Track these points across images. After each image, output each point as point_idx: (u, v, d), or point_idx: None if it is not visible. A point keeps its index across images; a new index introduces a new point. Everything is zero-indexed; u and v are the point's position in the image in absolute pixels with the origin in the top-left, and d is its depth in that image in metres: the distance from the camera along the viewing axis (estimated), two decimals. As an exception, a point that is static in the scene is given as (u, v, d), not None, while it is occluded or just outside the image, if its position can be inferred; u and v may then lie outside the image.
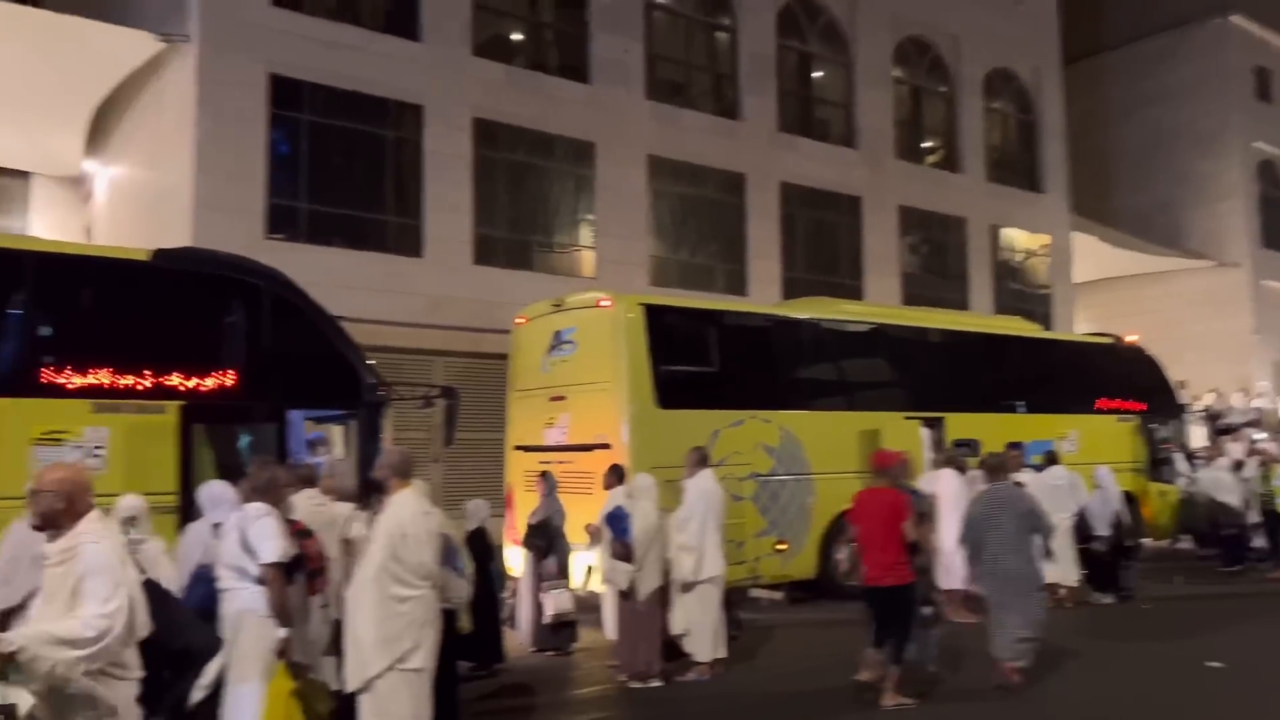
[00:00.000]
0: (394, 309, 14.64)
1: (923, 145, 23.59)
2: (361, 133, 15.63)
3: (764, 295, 18.97)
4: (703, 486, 8.53)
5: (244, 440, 8.60)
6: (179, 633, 4.20)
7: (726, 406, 11.29)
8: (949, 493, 10.28)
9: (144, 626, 3.92)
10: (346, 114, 15.41)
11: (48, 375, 7.52)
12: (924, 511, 8.17)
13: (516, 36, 18.03)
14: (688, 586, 8.39)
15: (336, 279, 12.77)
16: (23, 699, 3.61)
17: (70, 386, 7.55)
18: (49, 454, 7.34)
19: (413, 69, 15.84)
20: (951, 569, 9.89)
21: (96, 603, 3.70)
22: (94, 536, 3.88)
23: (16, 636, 3.63)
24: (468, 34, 16.58)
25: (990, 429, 13.11)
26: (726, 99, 20.11)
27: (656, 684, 8.08)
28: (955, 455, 11.44)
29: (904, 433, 12.29)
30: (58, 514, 3.89)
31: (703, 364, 11.53)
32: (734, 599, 9.62)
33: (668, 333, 11.17)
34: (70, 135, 18.29)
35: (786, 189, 20.23)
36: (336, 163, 15.53)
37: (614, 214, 17.92)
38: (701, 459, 8.71)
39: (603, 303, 11.12)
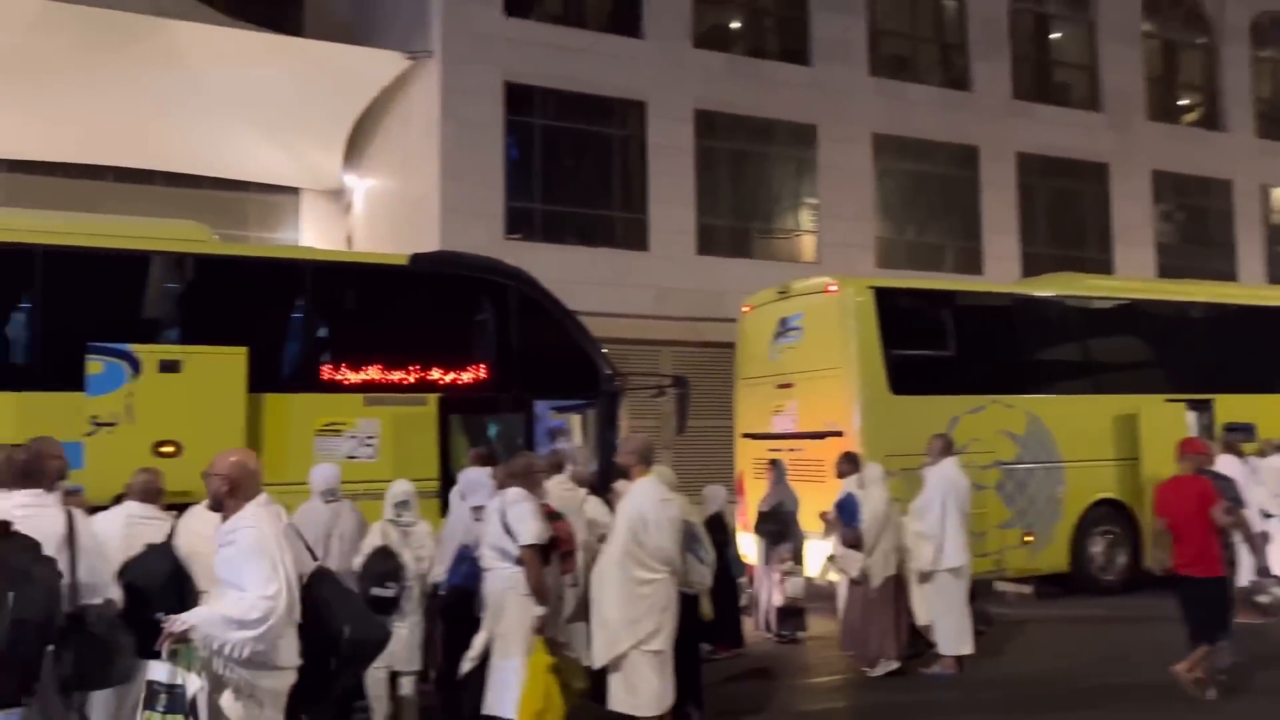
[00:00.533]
0: (622, 302, 15.08)
1: (1178, 103, 21.62)
2: (589, 132, 16.22)
3: (1001, 273, 18.05)
4: (945, 474, 8.27)
5: (494, 429, 9.17)
6: (351, 623, 3.99)
7: (965, 391, 10.86)
8: (1228, 481, 9.40)
9: (297, 613, 3.84)
10: (575, 115, 16.02)
11: (326, 372, 8.31)
12: (1234, 498, 7.66)
13: (735, 25, 18.08)
14: (927, 576, 8.17)
15: (568, 275, 13.31)
16: (191, 682, 3.67)
17: (345, 382, 8.32)
18: (328, 443, 8.14)
19: (636, 66, 16.23)
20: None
21: (258, 585, 3.68)
22: (251, 520, 3.86)
23: (189, 616, 3.74)
24: (688, 27, 16.80)
25: (1268, 411, 11.88)
26: (955, 69, 19.27)
27: (882, 672, 7.95)
28: (1232, 440, 10.45)
29: (1166, 417, 11.35)
30: (224, 497, 3.93)
31: (938, 347, 11.14)
32: (980, 592, 9.27)
33: (899, 316, 10.87)
34: (330, 152, 20.07)
35: (1024, 159, 19.14)
36: (566, 163, 16.21)
37: (837, 196, 17.62)
38: (946, 446, 8.44)
39: (830, 287, 10.97)
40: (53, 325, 7.64)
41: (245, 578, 3.72)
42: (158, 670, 3.74)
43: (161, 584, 4.40)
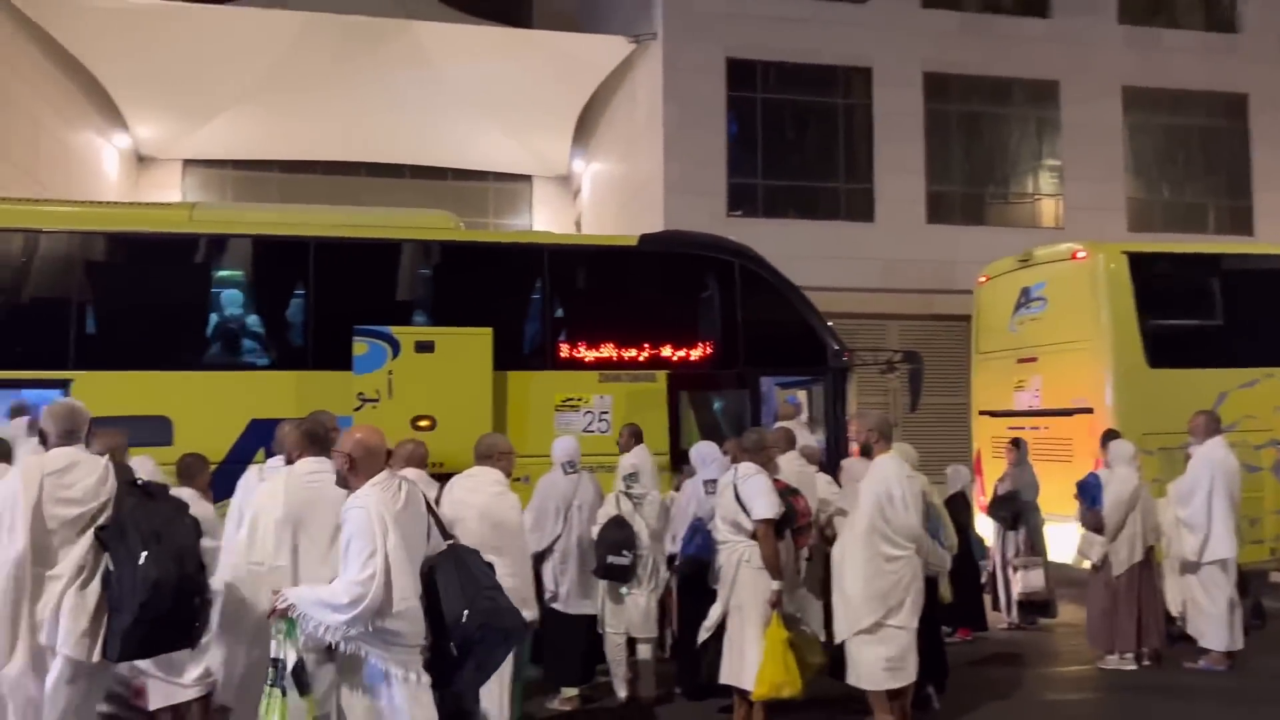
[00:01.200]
0: (847, 275, 14.78)
1: None
2: (811, 103, 15.96)
3: (1276, 233, 16.24)
4: (1211, 455, 7.59)
5: (720, 405, 9.26)
6: (471, 606, 3.78)
7: (1236, 364, 9.86)
8: None
9: (406, 597, 3.68)
10: (797, 86, 15.81)
11: (564, 351, 8.68)
12: None
13: (965, -19, 17.20)
14: (1191, 566, 7.54)
15: (792, 250, 13.16)
16: (290, 657, 3.65)
17: (581, 360, 8.66)
18: (567, 418, 8.50)
19: (860, 32, 15.79)
20: None
21: (354, 568, 3.62)
22: (361, 501, 3.74)
23: (290, 593, 3.75)
24: (914, -13, 16.17)
25: None
26: (1220, 10, 17.45)
27: (1115, 667, 7.42)
28: None
29: None
30: (344, 475, 3.91)
31: (1203, 317, 10.18)
32: (1253, 584, 8.46)
33: (1157, 283, 10.01)
34: (560, 139, 20.85)
35: (1305, 106, 17.11)
36: (788, 136, 16.03)
37: (1083, 156, 16.43)
38: (1212, 424, 7.74)
39: (1078, 254, 10.26)
40: (324, 311, 8.40)
41: (348, 559, 3.69)
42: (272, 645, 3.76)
43: (428, 546, 4.75)
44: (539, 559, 6.20)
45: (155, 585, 3.94)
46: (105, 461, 4.37)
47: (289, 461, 4.88)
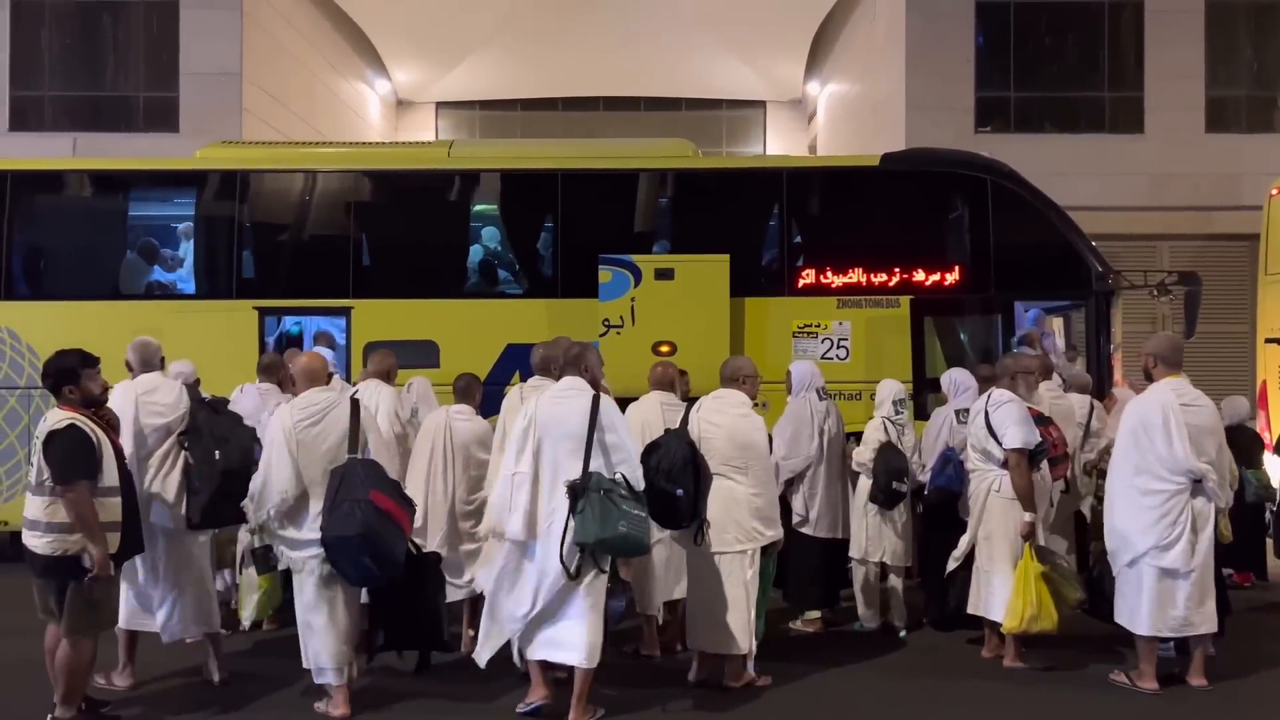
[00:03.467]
0: (1111, 193, 13.63)
1: None
2: (1071, 5, 14.65)
3: None
4: None
5: (969, 331, 8.86)
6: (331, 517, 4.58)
7: None
8: None
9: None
10: (1054, -12, 14.56)
11: (802, 276, 8.58)
12: None
13: None
14: None
15: (1047, 167, 12.21)
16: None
17: (819, 285, 8.53)
18: (805, 345, 8.44)
19: (1130, -80, 14.27)
20: None
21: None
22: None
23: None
24: None
25: None
26: None
27: None
28: None
29: None
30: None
31: None
32: None
33: None
34: (793, 63, 20.36)
35: None
36: (1045, 44, 14.84)
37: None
38: None
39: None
40: (571, 240, 8.73)
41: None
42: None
43: (680, 465, 4.92)
44: (789, 483, 6.19)
45: (225, 474, 5.08)
46: (180, 384, 5.50)
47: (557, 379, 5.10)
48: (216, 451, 5.09)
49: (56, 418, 4.47)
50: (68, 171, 9.69)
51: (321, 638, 4.73)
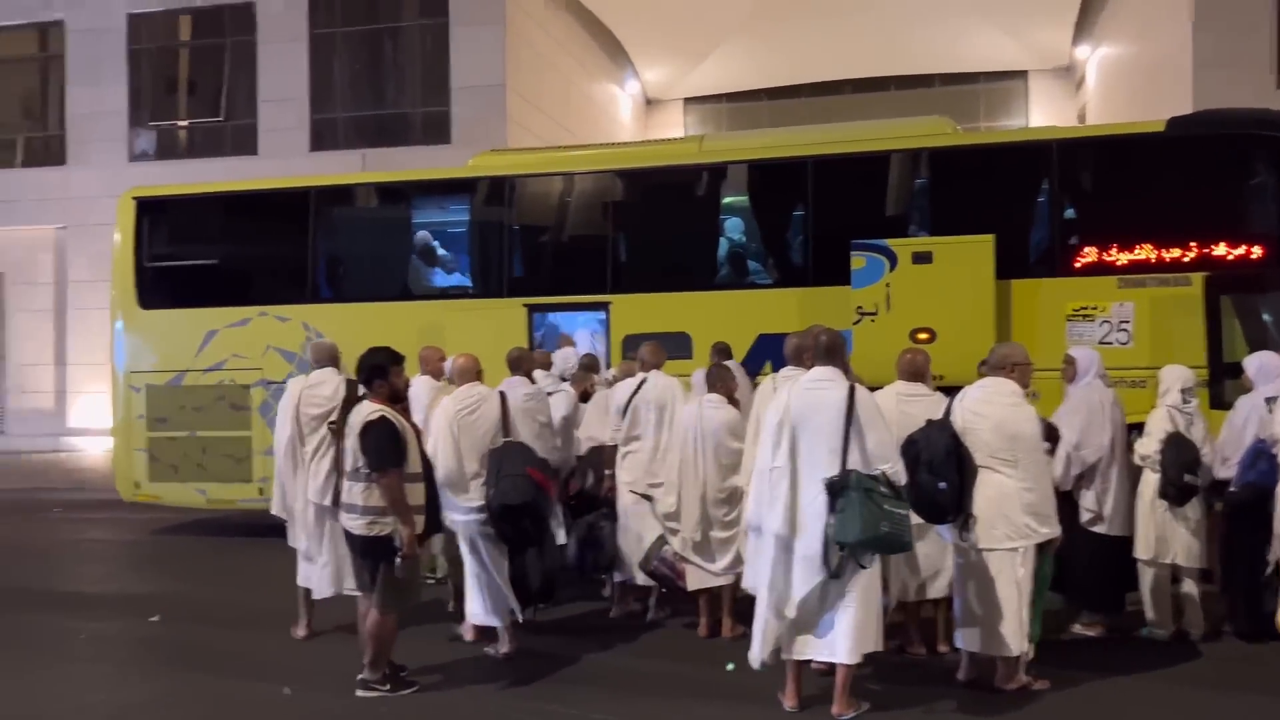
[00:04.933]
0: None
1: None
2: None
3: None
4: None
5: (1275, 310, 7.90)
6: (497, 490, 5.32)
7: None
8: None
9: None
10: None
11: (1076, 255, 7.98)
12: None
13: None
14: None
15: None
16: None
17: (1097, 264, 7.90)
18: (1080, 329, 7.85)
19: None
20: None
21: None
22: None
23: None
24: None
25: None
26: None
27: None
28: None
29: None
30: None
31: None
32: None
33: None
34: (1059, 26, 18.98)
35: None
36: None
37: None
38: None
39: None
40: (823, 227, 8.60)
41: None
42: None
43: (942, 456, 4.73)
44: (1079, 478, 5.79)
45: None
46: (340, 380, 6.06)
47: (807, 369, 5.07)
48: None
49: (368, 410, 4.93)
50: (358, 185, 10.67)
51: (488, 589, 5.54)
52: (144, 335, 10.00)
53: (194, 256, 10.32)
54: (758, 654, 4.67)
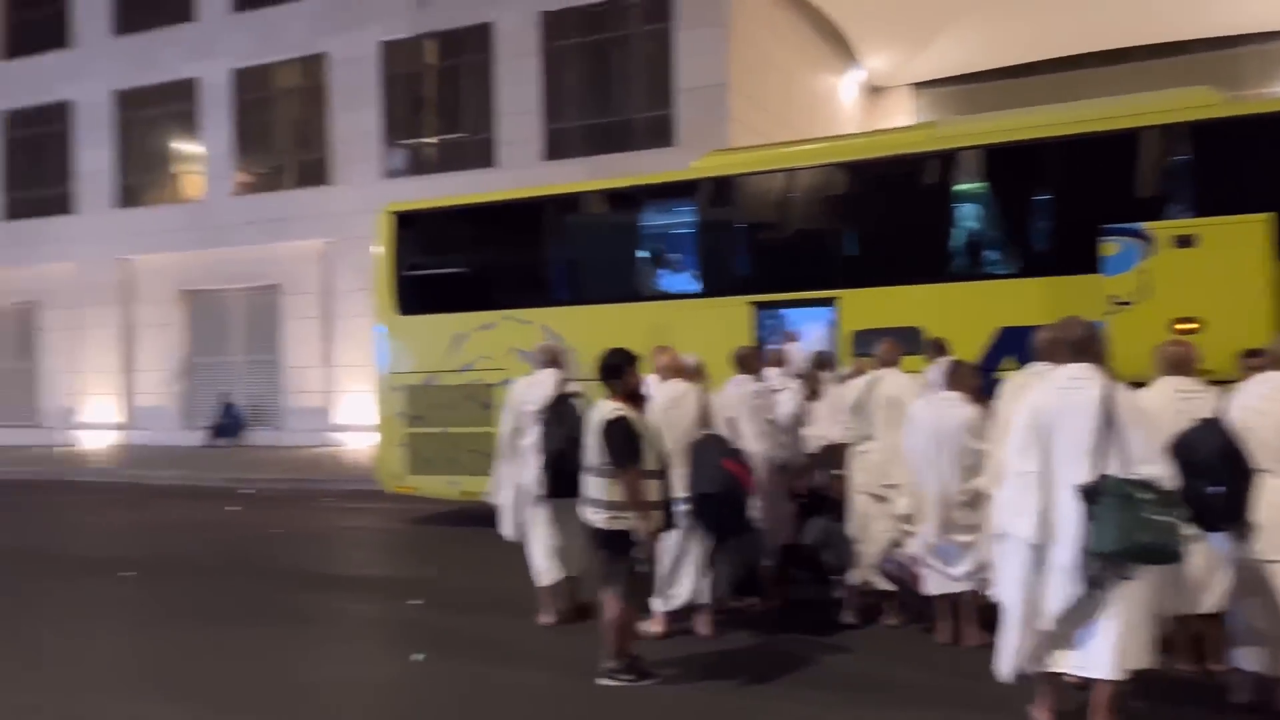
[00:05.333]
0: None
1: None
2: None
3: None
4: None
5: None
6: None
7: None
8: None
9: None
10: None
11: None
12: None
13: None
14: None
15: None
16: None
17: None
18: None
19: None
20: None
21: None
22: None
23: None
24: None
25: None
26: None
27: None
28: None
29: None
30: None
31: None
32: None
33: None
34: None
35: None
36: None
37: None
38: None
39: None
40: (1069, 212, 8.09)
41: None
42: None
43: (1216, 458, 4.33)
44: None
45: (552, 453, 6.10)
46: (555, 378, 6.45)
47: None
48: (555, 434, 6.14)
49: (609, 408, 5.14)
50: (589, 192, 11.06)
51: (687, 573, 5.89)
52: (402, 339, 10.86)
53: (445, 265, 11.12)
54: (1007, 665, 4.43)
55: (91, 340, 23.01)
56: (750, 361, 6.66)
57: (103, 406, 22.97)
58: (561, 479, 6.09)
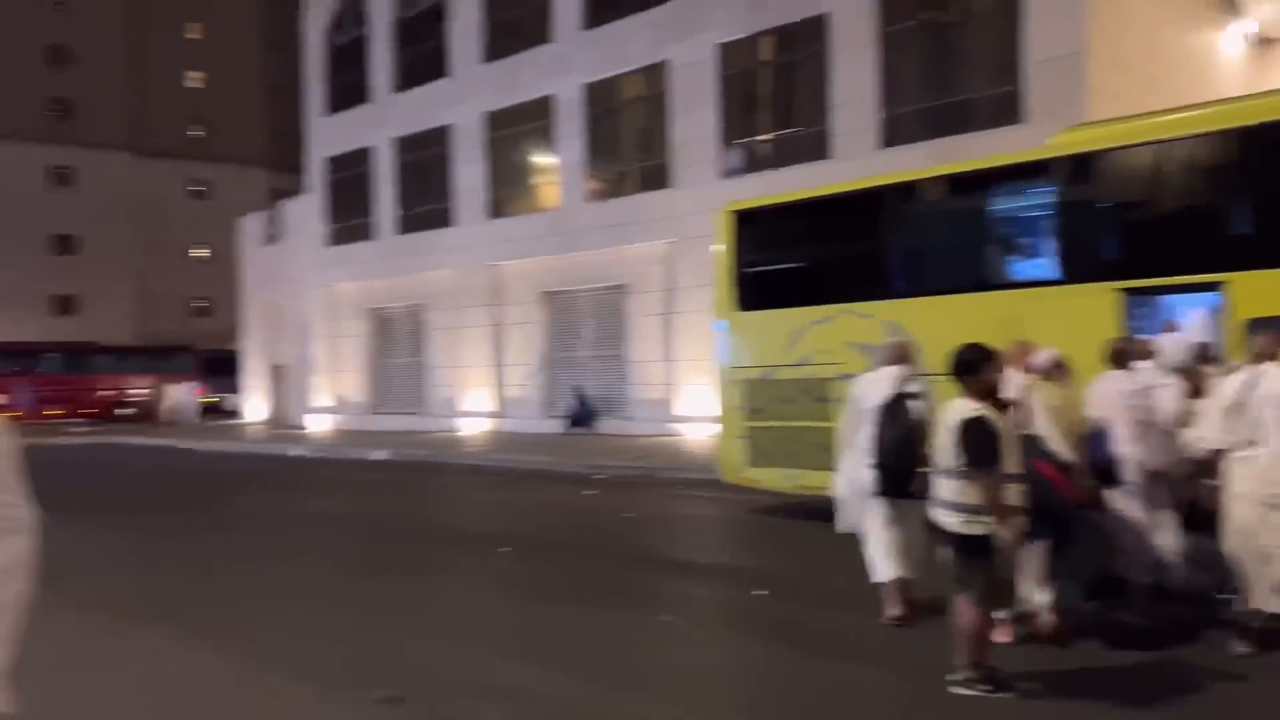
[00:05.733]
0: None
1: None
2: None
3: None
4: None
5: None
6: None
7: None
8: None
9: None
10: None
11: None
12: None
13: None
14: None
15: None
16: None
17: None
18: None
19: None
20: None
21: None
22: None
23: None
24: None
25: None
26: None
27: None
28: None
29: None
30: None
31: None
32: None
33: None
34: None
35: None
36: None
37: None
38: None
39: None
40: None
41: None
42: None
43: None
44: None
45: (885, 451, 6.14)
46: (895, 375, 6.36)
47: None
48: (887, 433, 6.11)
49: (967, 407, 4.90)
50: (932, 178, 10.62)
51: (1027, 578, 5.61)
52: (741, 334, 11.10)
53: (782, 260, 11.21)
54: None
55: (468, 338, 25.77)
56: (1128, 355, 6.08)
57: (477, 397, 25.66)
58: (893, 478, 6.06)
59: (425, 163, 27.04)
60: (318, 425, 29.14)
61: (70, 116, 52.23)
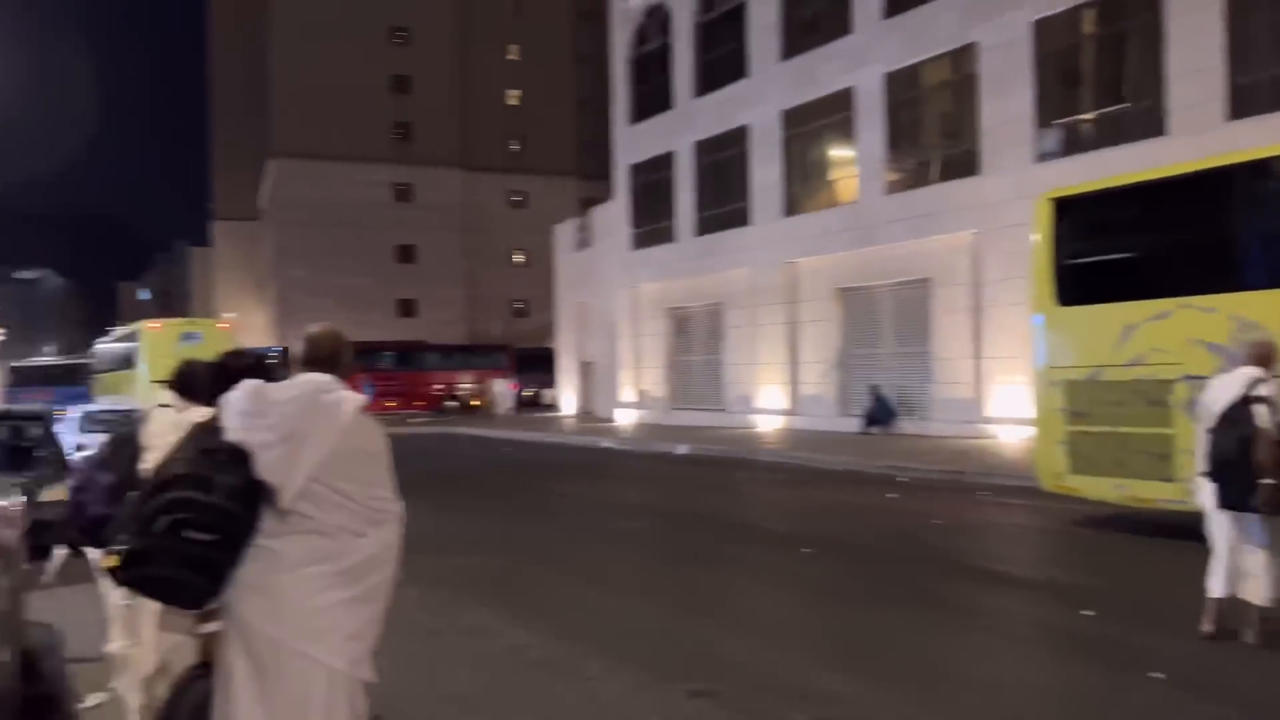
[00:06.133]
0: None
1: None
2: None
3: None
4: None
5: None
6: None
7: None
8: None
9: None
10: None
11: None
12: None
13: None
14: None
15: None
16: None
17: None
18: None
19: None
20: None
21: None
22: None
23: None
24: None
25: None
26: None
27: None
28: None
29: None
30: None
31: None
32: None
33: None
34: None
35: None
36: None
37: None
38: None
39: None
40: None
41: None
42: None
43: None
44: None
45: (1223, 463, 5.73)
46: (1245, 377, 5.76)
47: None
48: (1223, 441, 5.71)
49: None
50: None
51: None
52: (1062, 331, 10.30)
53: (1111, 251, 10.28)
54: None
55: (763, 336, 25.93)
56: None
57: (772, 394, 25.76)
58: (1229, 490, 5.66)
59: (722, 164, 27.52)
60: (624, 419, 30.57)
61: (409, 138, 58.39)
